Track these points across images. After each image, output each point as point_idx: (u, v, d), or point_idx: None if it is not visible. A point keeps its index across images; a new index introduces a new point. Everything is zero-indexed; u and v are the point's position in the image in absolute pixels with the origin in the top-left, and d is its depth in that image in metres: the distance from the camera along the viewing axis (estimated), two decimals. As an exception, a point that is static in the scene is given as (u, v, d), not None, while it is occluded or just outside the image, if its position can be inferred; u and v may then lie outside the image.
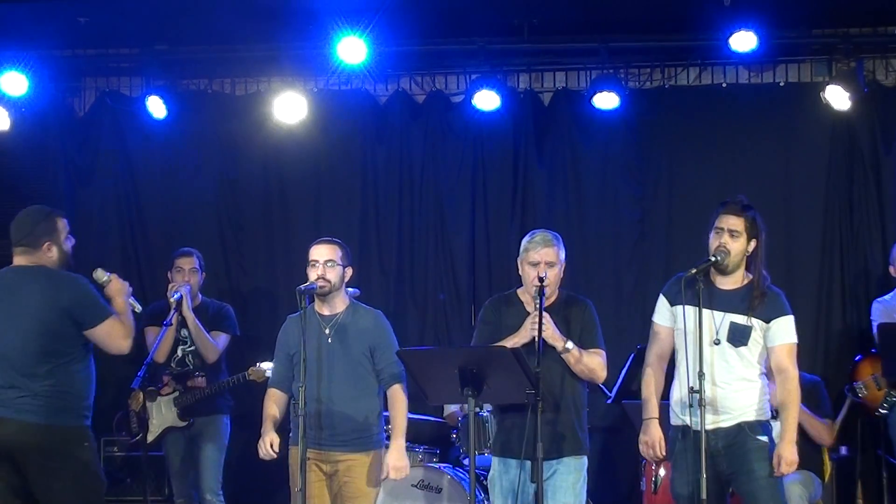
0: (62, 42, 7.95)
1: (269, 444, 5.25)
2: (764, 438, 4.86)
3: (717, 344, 4.87)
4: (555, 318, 5.07)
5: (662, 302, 5.08)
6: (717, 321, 4.90)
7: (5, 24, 7.39)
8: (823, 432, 6.55)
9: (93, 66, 8.40)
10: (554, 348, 5.00)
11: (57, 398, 4.82)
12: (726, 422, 4.88)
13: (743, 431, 4.87)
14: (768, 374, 5.03)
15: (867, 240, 7.76)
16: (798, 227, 7.80)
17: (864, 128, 7.78)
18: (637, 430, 5.99)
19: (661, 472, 6.46)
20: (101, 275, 5.16)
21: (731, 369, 4.88)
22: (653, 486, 6.49)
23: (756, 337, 4.90)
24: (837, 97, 7.41)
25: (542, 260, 5.09)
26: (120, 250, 8.34)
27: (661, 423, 5.09)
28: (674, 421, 5.03)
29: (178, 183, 8.34)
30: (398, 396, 5.38)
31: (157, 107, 7.84)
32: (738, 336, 4.89)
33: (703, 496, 4.65)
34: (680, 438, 4.93)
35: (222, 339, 6.84)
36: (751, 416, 4.90)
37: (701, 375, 4.75)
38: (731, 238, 4.92)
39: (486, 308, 5.36)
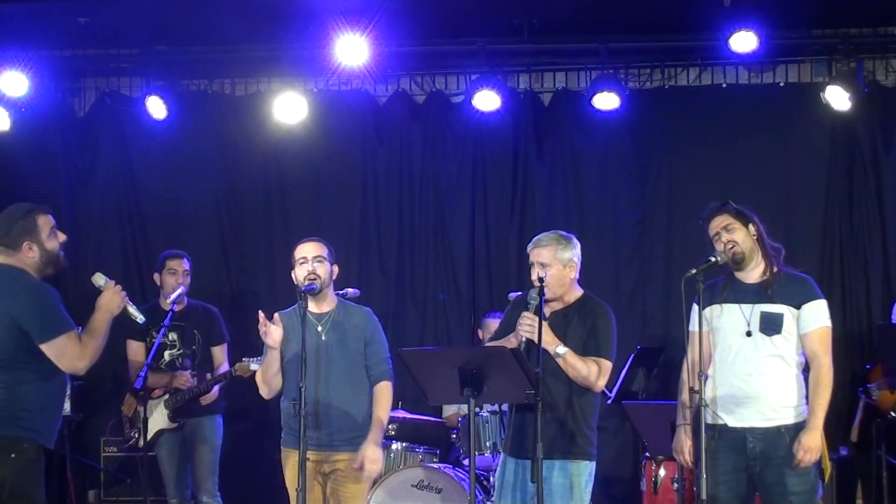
0: (62, 42, 7.95)
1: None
2: None
3: (749, 336, 4.83)
4: (564, 320, 5.05)
5: (693, 308, 4.97)
6: (748, 313, 4.86)
7: (5, 24, 7.39)
8: None
9: (93, 66, 8.41)
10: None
11: None
12: (765, 422, 4.79)
13: (783, 440, 4.76)
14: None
15: (867, 240, 7.77)
16: (798, 227, 7.80)
17: (864, 128, 7.79)
18: (637, 431, 6.00)
19: (661, 472, 6.46)
20: (98, 279, 4.88)
21: (766, 361, 4.81)
22: (653, 486, 6.49)
23: (789, 325, 4.82)
24: (837, 97, 7.41)
25: (534, 260, 5.09)
26: (120, 250, 8.34)
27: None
28: (710, 420, 4.85)
29: (178, 183, 8.34)
30: (385, 393, 5.31)
31: (157, 107, 7.84)
32: (771, 325, 4.81)
33: (703, 496, 4.64)
34: (716, 438, 4.81)
35: (225, 350, 6.88)
36: (790, 418, 4.80)
37: (701, 375, 4.74)
38: (729, 232, 4.91)
39: (508, 307, 5.35)
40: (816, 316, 4.86)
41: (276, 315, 5.23)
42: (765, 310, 4.85)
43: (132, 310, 4.94)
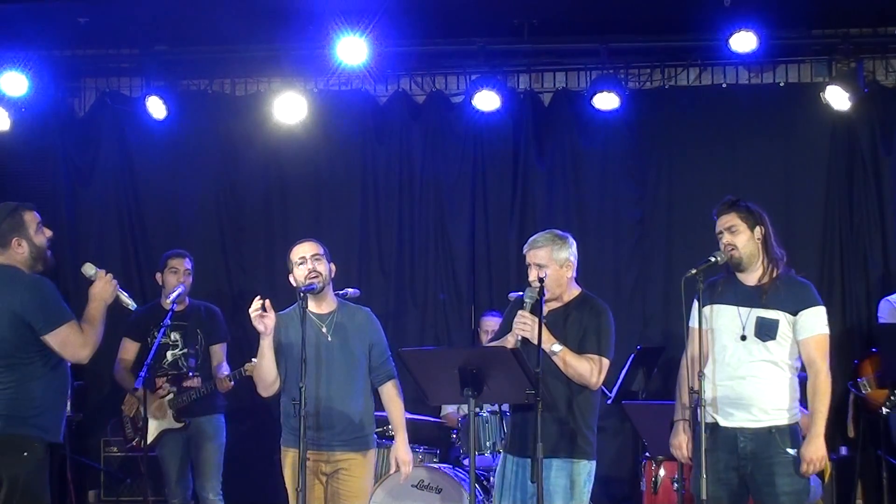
0: (62, 42, 7.95)
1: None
2: (793, 452, 4.75)
3: (743, 340, 4.82)
4: (562, 319, 5.04)
5: (693, 305, 4.97)
6: (744, 317, 4.85)
7: (5, 24, 7.39)
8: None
9: (93, 66, 8.41)
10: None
11: (4, 405, 4.61)
12: (756, 423, 4.79)
13: (773, 440, 4.77)
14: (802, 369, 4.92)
15: (867, 240, 7.78)
16: (798, 228, 7.80)
17: (864, 128, 7.79)
18: (637, 431, 5.99)
19: (661, 472, 6.46)
20: (88, 269, 4.95)
21: (759, 365, 4.80)
22: (652, 486, 6.49)
23: (784, 331, 4.80)
24: (837, 97, 7.42)
25: (531, 261, 5.08)
26: (120, 250, 8.34)
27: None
28: (706, 419, 4.83)
29: (178, 183, 8.34)
30: (394, 393, 5.38)
31: (157, 107, 7.84)
32: (766, 330, 4.80)
33: (704, 496, 4.63)
34: (708, 436, 4.79)
35: (224, 350, 6.87)
36: (783, 419, 4.80)
37: (701, 375, 4.74)
38: (732, 234, 4.90)
39: (508, 307, 5.35)
40: (814, 323, 4.83)
41: (267, 302, 5.14)
42: (761, 315, 4.83)
43: (124, 297, 4.99)
